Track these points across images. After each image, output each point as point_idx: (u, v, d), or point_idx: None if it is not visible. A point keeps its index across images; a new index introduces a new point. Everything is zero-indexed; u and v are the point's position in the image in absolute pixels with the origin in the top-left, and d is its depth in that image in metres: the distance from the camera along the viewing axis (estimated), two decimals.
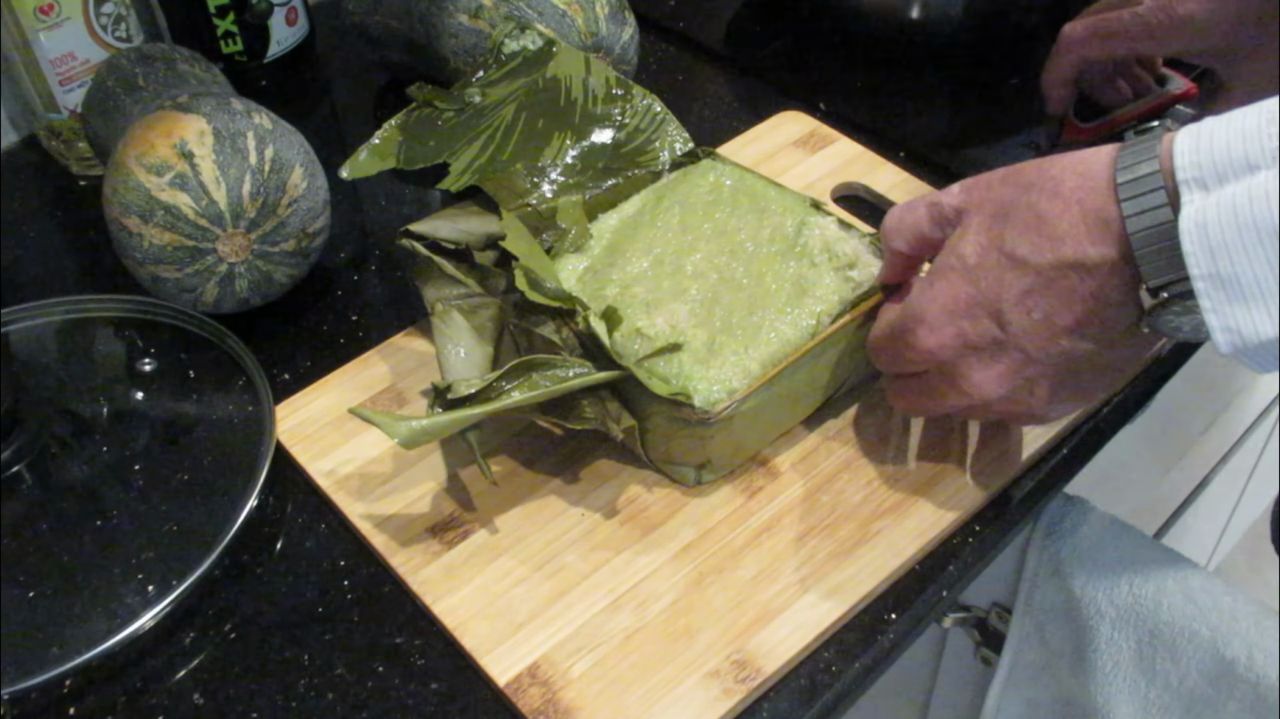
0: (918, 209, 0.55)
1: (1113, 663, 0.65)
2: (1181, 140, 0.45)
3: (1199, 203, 0.44)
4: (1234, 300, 0.44)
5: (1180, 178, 0.45)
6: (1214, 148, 0.44)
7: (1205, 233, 0.43)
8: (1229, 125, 0.44)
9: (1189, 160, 0.44)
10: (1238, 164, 0.43)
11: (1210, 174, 0.44)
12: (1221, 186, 0.43)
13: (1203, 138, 0.45)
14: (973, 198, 0.52)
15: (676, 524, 0.59)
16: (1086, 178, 0.48)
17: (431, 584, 0.57)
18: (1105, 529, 0.64)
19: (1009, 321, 0.50)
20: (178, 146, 0.63)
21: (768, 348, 0.58)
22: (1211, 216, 0.43)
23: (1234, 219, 0.43)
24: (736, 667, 0.53)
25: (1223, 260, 0.43)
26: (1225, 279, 0.44)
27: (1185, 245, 0.44)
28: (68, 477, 0.64)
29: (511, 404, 0.56)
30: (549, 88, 0.71)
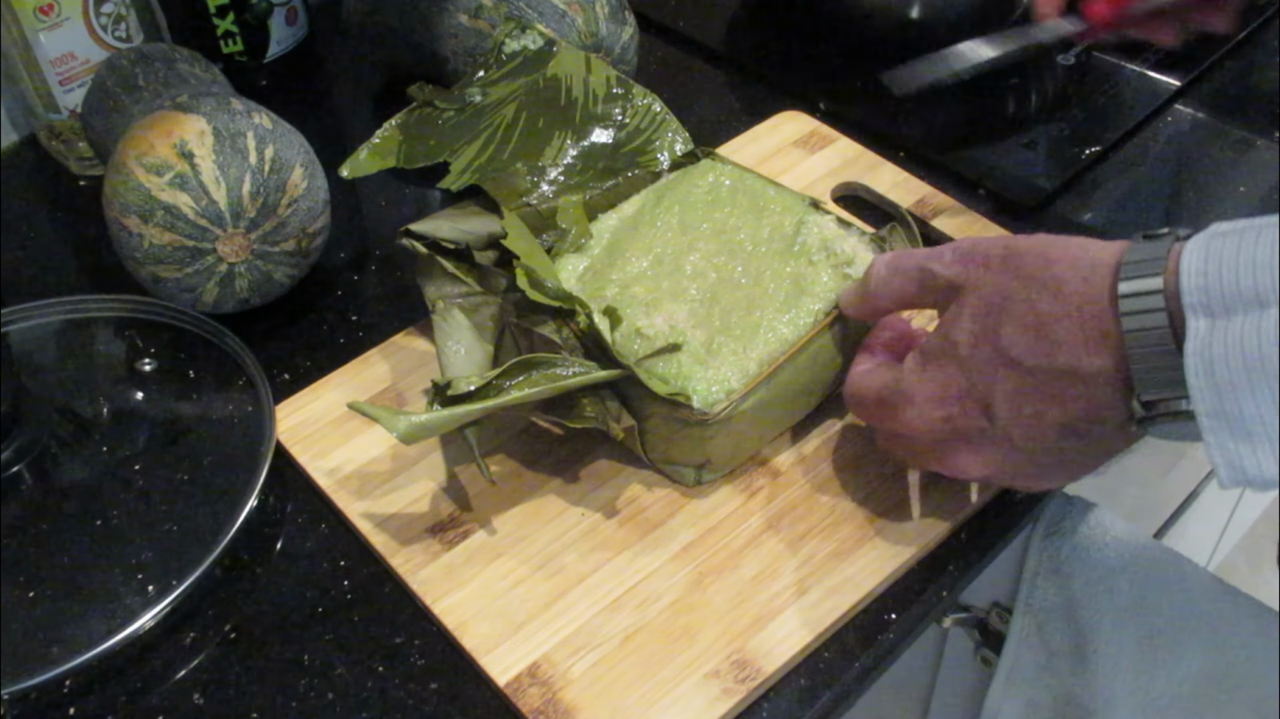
0: (908, 271, 0.54)
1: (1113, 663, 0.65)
2: (1189, 260, 0.44)
3: (1204, 334, 0.43)
4: (1238, 438, 0.43)
5: (1186, 301, 0.43)
6: (1223, 274, 0.43)
7: (1211, 369, 0.42)
8: (1239, 251, 0.43)
9: (1196, 284, 0.43)
10: (1247, 296, 0.42)
11: (1218, 302, 0.43)
12: (1229, 317, 0.42)
13: (1211, 260, 0.43)
14: (969, 276, 0.51)
15: (676, 524, 0.59)
16: (1089, 283, 0.46)
17: (431, 584, 0.57)
18: (1105, 529, 0.64)
19: (997, 415, 0.50)
20: (178, 146, 0.63)
21: (766, 347, 0.58)
22: (1219, 353, 0.42)
23: (1241, 359, 0.42)
24: (736, 667, 0.53)
25: (1228, 399, 0.42)
26: (1230, 417, 0.42)
27: (1190, 379, 0.43)
28: (68, 477, 0.64)
29: (511, 401, 0.56)
30: (549, 87, 0.71)
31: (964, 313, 0.50)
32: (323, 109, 0.89)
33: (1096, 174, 0.78)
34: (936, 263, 0.52)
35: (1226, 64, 0.86)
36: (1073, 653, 0.67)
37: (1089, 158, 0.78)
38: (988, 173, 0.77)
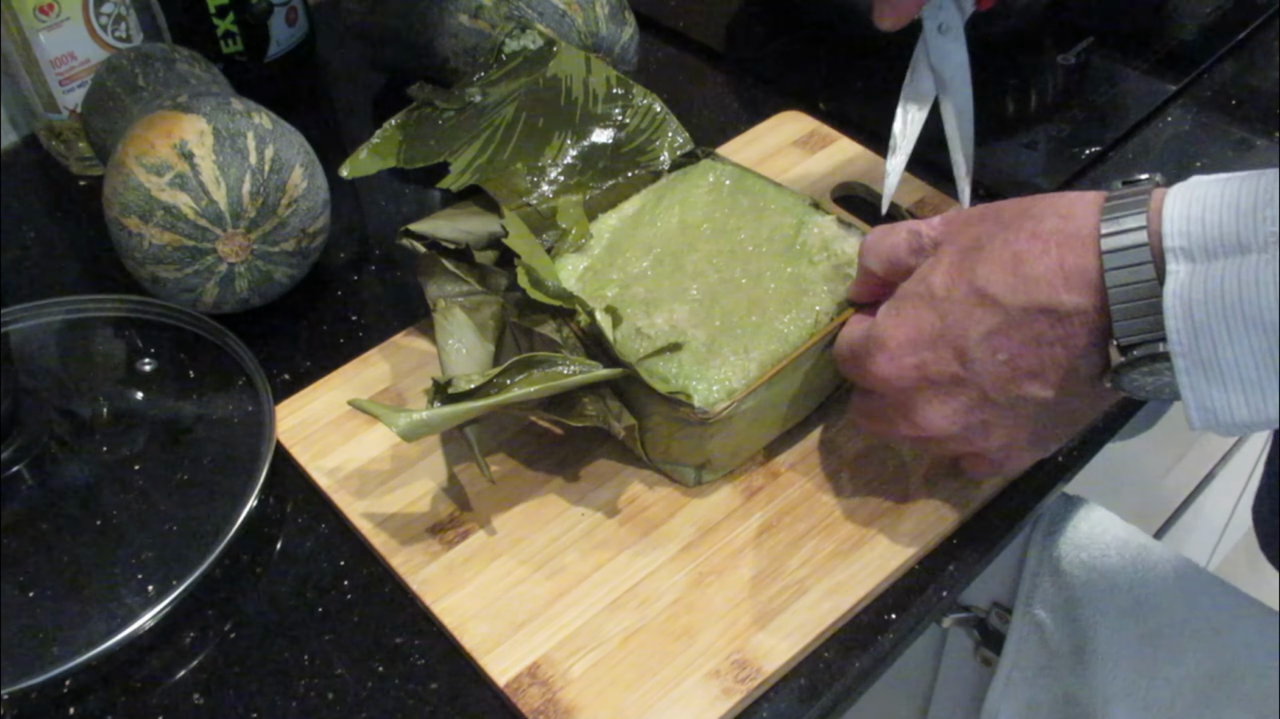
0: (898, 233, 0.54)
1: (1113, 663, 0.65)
2: (1172, 203, 0.44)
3: (1184, 276, 0.43)
4: (1213, 382, 0.43)
5: (1168, 244, 0.43)
6: (1205, 219, 0.43)
7: (1190, 311, 0.43)
8: (1223, 196, 0.43)
9: (1178, 228, 0.43)
10: (1229, 242, 0.42)
11: (1199, 246, 0.43)
12: (1210, 261, 0.43)
13: (1194, 205, 0.43)
14: (951, 230, 0.52)
15: (676, 524, 0.59)
16: (1069, 221, 0.47)
17: (431, 584, 0.57)
18: (1105, 529, 0.64)
19: (971, 359, 0.49)
20: (178, 146, 0.63)
21: (767, 347, 0.58)
22: (1198, 296, 0.42)
23: (1220, 302, 0.42)
24: (736, 667, 0.53)
25: (1205, 342, 0.43)
26: (1206, 360, 0.43)
27: (1168, 321, 0.43)
28: (68, 477, 0.64)
29: (512, 399, 0.56)
30: (549, 87, 0.71)
31: (942, 260, 0.51)
32: (323, 109, 0.89)
33: (1096, 174, 0.78)
34: (924, 225, 0.53)
35: (1226, 64, 0.86)
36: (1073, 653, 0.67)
37: (1089, 158, 0.78)
38: (988, 173, 0.77)
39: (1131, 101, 0.82)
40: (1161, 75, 0.84)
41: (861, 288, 0.58)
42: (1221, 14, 0.89)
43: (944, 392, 0.51)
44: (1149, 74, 0.84)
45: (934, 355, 0.50)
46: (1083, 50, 0.86)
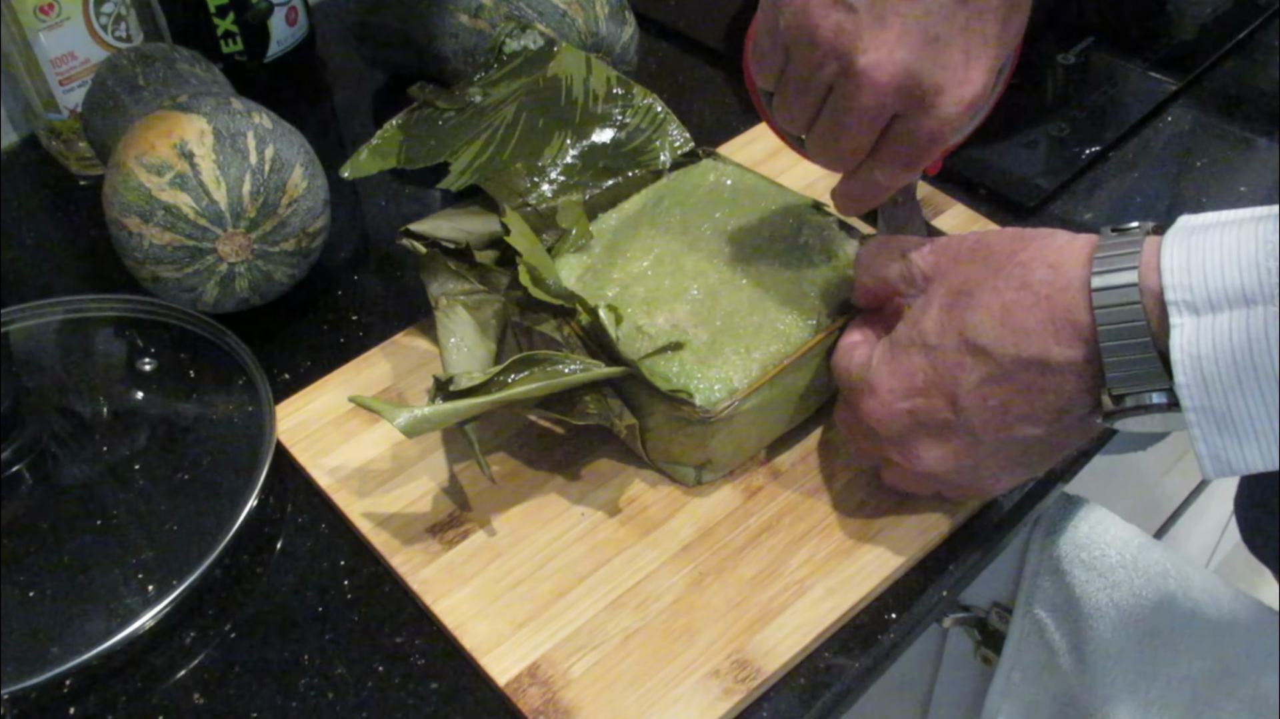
0: (890, 259, 0.54)
1: (1113, 663, 0.65)
2: (1170, 254, 0.43)
3: (1190, 330, 0.43)
4: (1225, 433, 0.43)
5: (1169, 298, 0.43)
6: (1207, 271, 0.43)
7: (1199, 366, 0.42)
8: (1222, 247, 0.43)
9: (1179, 280, 0.43)
10: (1233, 294, 0.42)
11: (1202, 299, 0.42)
12: (1214, 314, 0.42)
13: (1193, 255, 0.43)
14: (941, 266, 0.51)
15: (677, 524, 0.59)
16: (1058, 272, 0.46)
17: (431, 584, 0.57)
18: (1105, 529, 0.64)
19: (963, 407, 0.49)
20: (178, 146, 0.63)
21: (768, 347, 0.58)
22: (1206, 351, 0.42)
23: (1230, 357, 0.42)
24: (736, 667, 0.53)
25: (1217, 396, 0.42)
26: (1219, 413, 0.43)
27: (1178, 376, 0.43)
28: (68, 477, 0.64)
29: (513, 396, 0.56)
30: (549, 87, 0.71)
31: (932, 303, 0.51)
32: (323, 109, 0.89)
33: (1096, 174, 0.78)
34: (916, 253, 0.53)
35: (1226, 64, 0.86)
36: (1073, 653, 0.67)
37: (1089, 158, 0.78)
38: (988, 173, 0.77)
39: (1131, 101, 0.82)
40: (1161, 75, 0.84)
41: (859, 297, 0.58)
42: (1221, 14, 0.89)
43: (937, 434, 0.51)
44: (1149, 74, 0.84)
45: (926, 402, 0.50)
46: (1083, 50, 0.86)
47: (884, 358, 0.52)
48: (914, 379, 0.51)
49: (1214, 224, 0.44)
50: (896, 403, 0.51)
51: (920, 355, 0.50)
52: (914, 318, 0.51)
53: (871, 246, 0.55)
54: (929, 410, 0.50)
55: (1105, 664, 0.65)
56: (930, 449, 0.52)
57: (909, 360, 0.51)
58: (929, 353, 0.50)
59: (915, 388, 0.51)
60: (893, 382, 0.51)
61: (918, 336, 0.51)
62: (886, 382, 0.51)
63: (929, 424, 0.51)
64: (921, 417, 0.51)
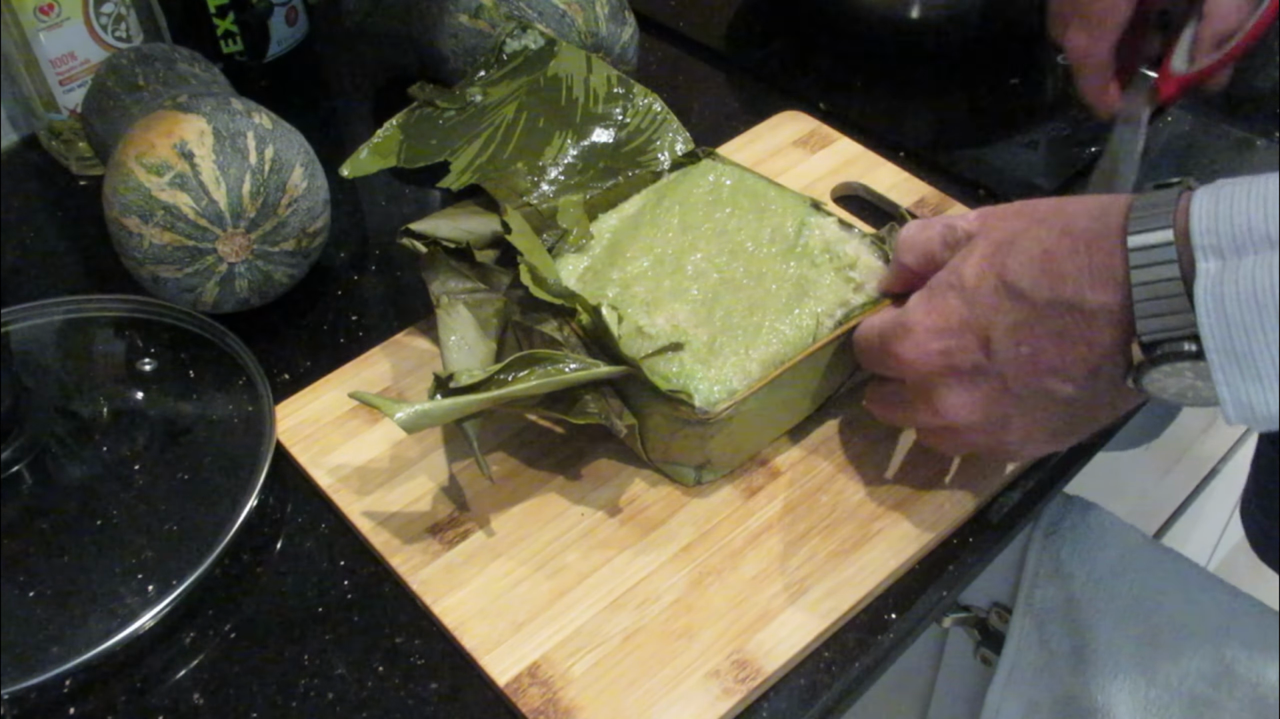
0: (933, 228, 0.55)
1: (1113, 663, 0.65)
2: (1199, 203, 0.44)
3: (1215, 273, 0.43)
4: (1248, 377, 0.43)
5: (1196, 243, 0.44)
6: (1234, 216, 0.43)
7: (1223, 307, 0.43)
8: (1250, 194, 0.43)
9: (1206, 226, 0.44)
10: (1259, 237, 0.42)
11: (1229, 243, 0.43)
12: (1240, 258, 0.43)
13: (1222, 202, 0.44)
14: (986, 224, 0.52)
15: (677, 524, 0.59)
16: (1100, 221, 0.47)
17: (431, 584, 0.57)
18: (1105, 529, 0.64)
19: (995, 350, 0.50)
20: (178, 146, 0.63)
21: (768, 348, 0.58)
22: (1230, 291, 0.43)
23: (1254, 298, 0.42)
24: (736, 667, 0.53)
25: (1239, 337, 0.43)
26: (1241, 355, 0.43)
27: (1201, 317, 0.43)
28: (68, 477, 0.64)
29: (513, 394, 0.56)
30: (550, 87, 0.71)
31: (974, 251, 0.51)
32: (323, 109, 0.89)
33: None
34: (960, 219, 0.54)
35: None
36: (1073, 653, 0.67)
37: (1089, 158, 0.78)
38: (988, 173, 0.77)
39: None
40: None
41: (895, 279, 0.58)
42: None
43: (967, 379, 0.52)
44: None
45: (959, 343, 0.51)
46: None
47: (920, 301, 0.53)
48: (949, 319, 0.51)
49: (1247, 179, 0.44)
50: (930, 342, 0.52)
51: (956, 297, 0.51)
52: (954, 265, 0.52)
53: (913, 226, 0.56)
54: (961, 351, 0.51)
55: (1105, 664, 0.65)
56: (959, 394, 0.52)
57: (945, 301, 0.51)
58: (965, 294, 0.51)
59: (950, 328, 0.51)
60: (928, 320, 0.52)
61: (956, 280, 0.51)
62: (922, 321, 0.52)
63: (961, 367, 0.51)
64: (954, 358, 0.51)
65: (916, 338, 0.52)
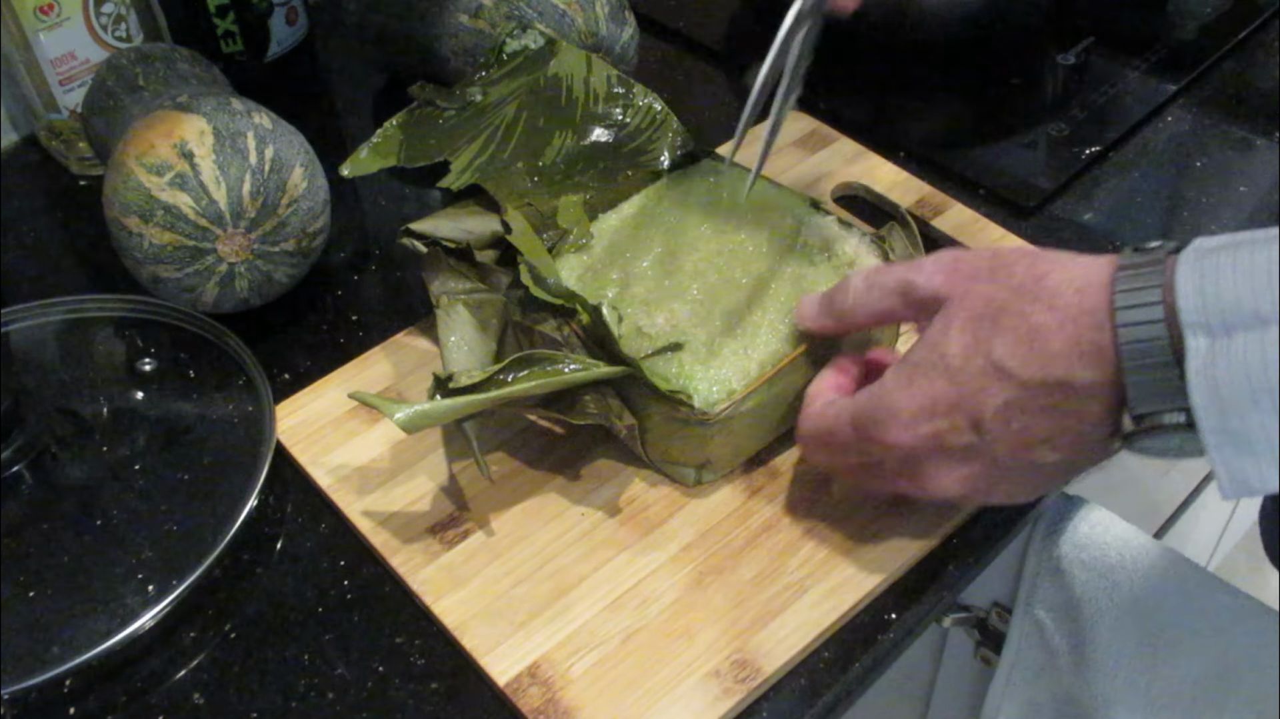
0: (886, 283, 0.53)
1: (1113, 663, 0.65)
2: (1184, 277, 0.44)
3: (1205, 351, 0.43)
4: (1243, 454, 0.43)
5: (1185, 320, 0.43)
6: (1220, 293, 0.43)
7: (1216, 388, 0.42)
8: (1235, 268, 0.43)
9: (1193, 303, 0.43)
10: (1247, 315, 0.42)
11: (1217, 321, 0.43)
12: (1230, 336, 0.42)
13: (1207, 277, 0.43)
14: (955, 287, 0.51)
15: (677, 524, 0.59)
16: (1084, 295, 0.46)
17: (431, 584, 0.57)
18: (1105, 529, 0.64)
19: (986, 430, 0.49)
20: (178, 146, 0.63)
21: (767, 348, 0.58)
22: (1222, 373, 0.42)
23: (1245, 379, 0.42)
24: (736, 667, 0.53)
25: (1233, 417, 0.42)
26: (1235, 434, 0.43)
27: (1194, 398, 0.43)
28: (68, 477, 0.64)
29: (513, 394, 0.56)
30: (550, 87, 0.71)
31: (952, 324, 0.50)
32: (323, 109, 0.89)
33: (1096, 174, 0.78)
34: (918, 275, 0.52)
35: (1226, 64, 0.86)
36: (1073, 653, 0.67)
37: (1089, 158, 0.78)
38: (988, 173, 0.77)
39: (1131, 101, 0.82)
40: (1161, 75, 0.84)
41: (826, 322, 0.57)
42: (1221, 14, 0.89)
43: (957, 458, 0.51)
44: (1149, 74, 0.84)
45: (949, 424, 0.50)
46: (1083, 50, 0.86)
47: (899, 383, 0.51)
48: (937, 401, 0.50)
49: (1227, 245, 0.44)
50: (920, 425, 0.50)
51: (942, 378, 0.50)
52: (932, 340, 0.50)
53: (860, 279, 0.54)
54: (952, 433, 0.50)
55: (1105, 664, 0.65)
56: (948, 473, 0.51)
57: (930, 383, 0.50)
58: (952, 376, 0.49)
59: (938, 410, 0.50)
60: (914, 405, 0.50)
61: (939, 359, 0.50)
62: (907, 404, 0.50)
63: (950, 448, 0.50)
64: (944, 440, 0.50)
65: (904, 421, 0.51)
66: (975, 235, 0.72)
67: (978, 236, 0.72)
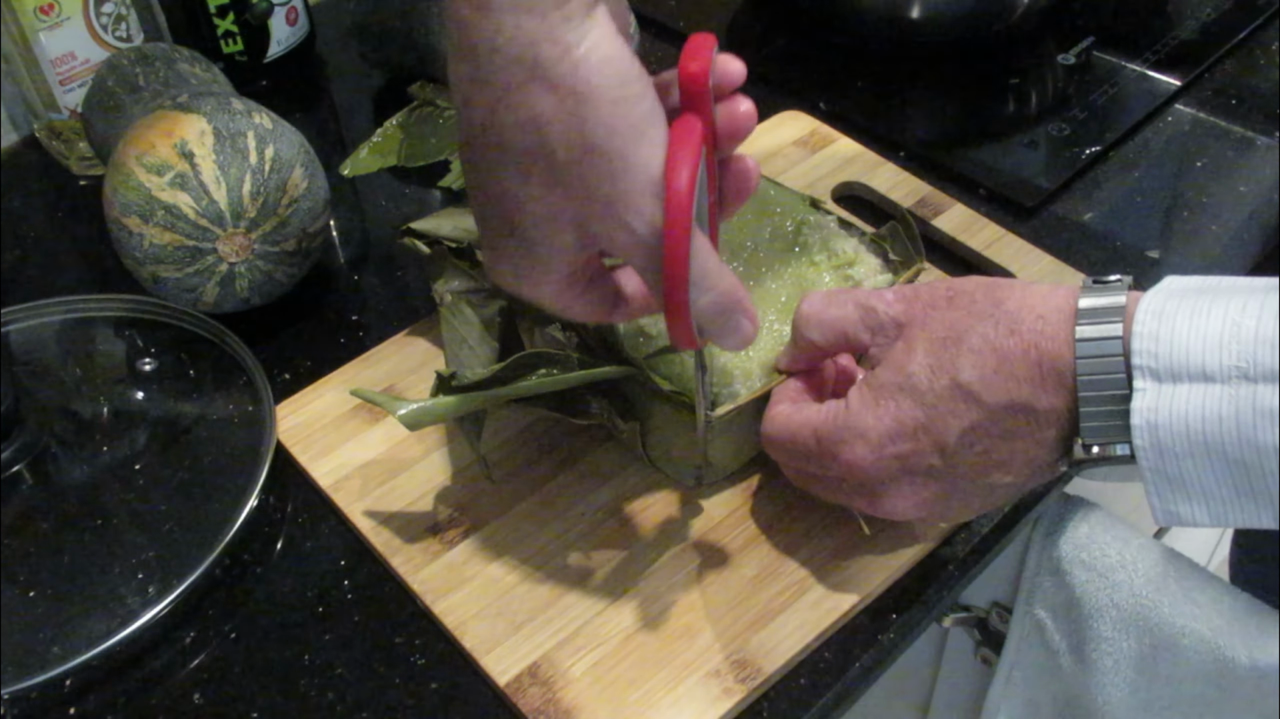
0: (844, 306, 0.53)
1: (1113, 663, 0.65)
2: (1142, 319, 0.45)
3: (1150, 396, 0.44)
4: (1178, 495, 0.45)
5: (1135, 361, 0.44)
6: (1174, 342, 0.44)
7: (1156, 435, 0.44)
8: (1192, 321, 0.44)
9: (1146, 346, 0.44)
10: (1194, 369, 0.43)
11: (1165, 368, 0.44)
12: (1175, 384, 0.44)
13: (1164, 323, 0.44)
14: (914, 313, 0.51)
15: (677, 523, 0.59)
16: (1045, 322, 0.47)
17: (431, 584, 0.57)
18: (1105, 529, 0.64)
19: (950, 452, 0.49)
20: (178, 146, 0.63)
21: (769, 350, 0.58)
22: (1164, 420, 0.44)
23: (1185, 430, 0.43)
24: (736, 666, 0.53)
25: (1170, 463, 0.44)
26: (1171, 477, 0.45)
27: (1135, 439, 0.45)
28: (68, 477, 0.64)
29: (515, 393, 0.56)
30: None
31: (916, 348, 0.50)
32: (323, 109, 0.89)
33: (1096, 174, 0.78)
34: (878, 301, 0.52)
35: (1226, 64, 0.86)
36: (1072, 653, 0.67)
37: (1089, 158, 0.78)
38: (988, 173, 0.77)
39: (1131, 101, 0.82)
40: (1161, 75, 0.84)
41: (797, 358, 0.56)
42: (1221, 14, 0.89)
43: (919, 481, 0.51)
44: (1149, 74, 0.84)
45: (914, 446, 0.50)
46: (1083, 50, 0.86)
47: (865, 404, 0.51)
48: (903, 422, 0.50)
49: (1192, 291, 0.45)
50: (885, 447, 0.50)
51: (909, 399, 0.50)
52: (897, 362, 0.51)
53: (816, 302, 0.54)
54: (916, 455, 0.50)
55: (1105, 664, 0.65)
56: (908, 495, 0.51)
57: (897, 405, 0.50)
58: (919, 396, 0.49)
59: (904, 432, 0.50)
60: (881, 426, 0.50)
61: (905, 381, 0.50)
62: (874, 426, 0.50)
63: (914, 469, 0.51)
64: (909, 462, 0.50)
65: (870, 442, 0.51)
66: (975, 235, 0.72)
67: (978, 236, 0.72)
